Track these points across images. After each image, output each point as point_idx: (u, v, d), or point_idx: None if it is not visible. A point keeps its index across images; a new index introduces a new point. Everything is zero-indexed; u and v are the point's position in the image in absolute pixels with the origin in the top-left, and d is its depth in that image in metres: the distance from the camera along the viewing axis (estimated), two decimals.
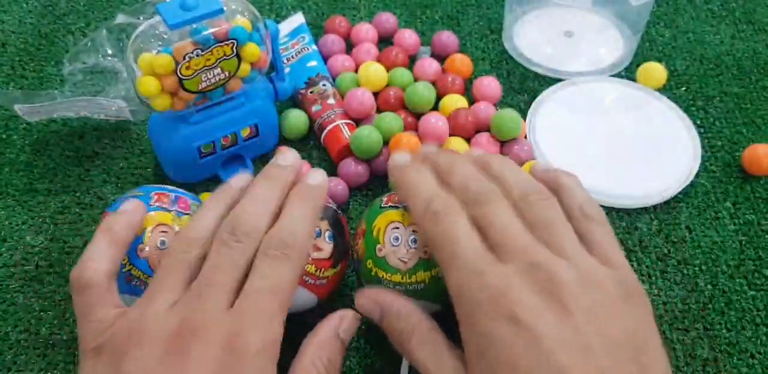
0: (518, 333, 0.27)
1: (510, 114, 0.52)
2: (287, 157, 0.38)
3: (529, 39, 0.62)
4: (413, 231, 0.39)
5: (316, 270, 0.39)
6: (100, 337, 0.31)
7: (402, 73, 0.57)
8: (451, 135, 0.53)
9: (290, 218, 0.34)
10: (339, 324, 0.35)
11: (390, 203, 0.41)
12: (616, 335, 0.28)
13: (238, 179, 0.38)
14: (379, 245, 0.39)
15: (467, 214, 0.33)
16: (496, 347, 0.27)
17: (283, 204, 0.36)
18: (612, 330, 0.28)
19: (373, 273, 0.39)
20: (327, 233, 0.39)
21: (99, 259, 0.35)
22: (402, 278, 0.38)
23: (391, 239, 0.39)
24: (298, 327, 0.35)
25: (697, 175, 0.53)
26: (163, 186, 0.44)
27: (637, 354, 0.27)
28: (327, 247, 0.39)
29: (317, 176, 0.38)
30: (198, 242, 0.34)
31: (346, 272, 0.42)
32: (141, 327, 0.30)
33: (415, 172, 0.37)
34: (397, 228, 0.39)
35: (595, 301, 0.28)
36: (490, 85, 0.56)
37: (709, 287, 0.47)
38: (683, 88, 0.60)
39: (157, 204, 0.41)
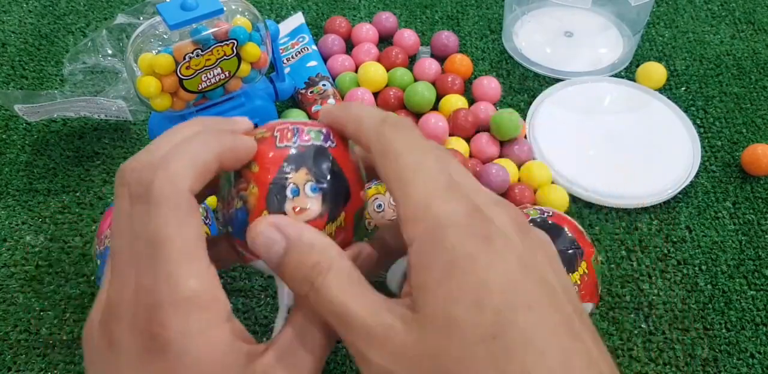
0: (493, 253, 0.24)
1: (510, 114, 0.52)
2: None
3: (529, 39, 0.62)
4: None
5: None
6: None
7: (402, 73, 0.57)
8: (451, 135, 0.53)
9: None
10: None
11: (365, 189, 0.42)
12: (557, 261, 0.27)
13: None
14: (366, 221, 0.42)
15: None
16: (467, 264, 0.24)
17: None
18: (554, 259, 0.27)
19: None
20: (307, 186, 0.28)
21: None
22: None
23: (375, 207, 0.42)
24: None
25: (696, 175, 0.53)
26: None
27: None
28: (312, 203, 0.28)
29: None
30: None
31: (360, 209, 0.30)
32: None
33: (357, 106, 0.30)
34: (377, 198, 0.42)
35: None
36: (489, 85, 0.56)
37: (709, 287, 0.47)
38: (683, 89, 0.60)
39: None
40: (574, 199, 0.51)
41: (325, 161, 0.29)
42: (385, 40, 0.62)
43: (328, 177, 0.28)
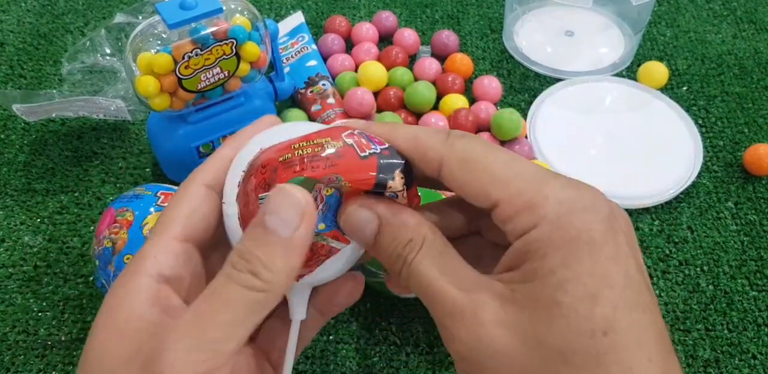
0: (616, 243, 0.23)
1: (510, 114, 0.52)
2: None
3: (530, 38, 0.62)
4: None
5: None
6: None
7: (402, 73, 0.57)
8: None
9: None
10: None
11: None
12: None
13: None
14: None
15: None
16: (588, 253, 0.23)
17: None
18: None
19: None
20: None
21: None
22: None
23: None
24: None
25: (698, 175, 0.53)
26: (169, 186, 0.44)
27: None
28: (398, 182, 0.27)
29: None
30: None
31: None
32: None
33: (402, 126, 0.28)
34: None
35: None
36: (490, 84, 0.56)
37: (711, 287, 0.47)
38: (684, 88, 0.59)
39: (164, 204, 0.41)
40: None
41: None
42: (385, 40, 0.62)
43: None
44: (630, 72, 0.61)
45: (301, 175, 0.25)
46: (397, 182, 0.26)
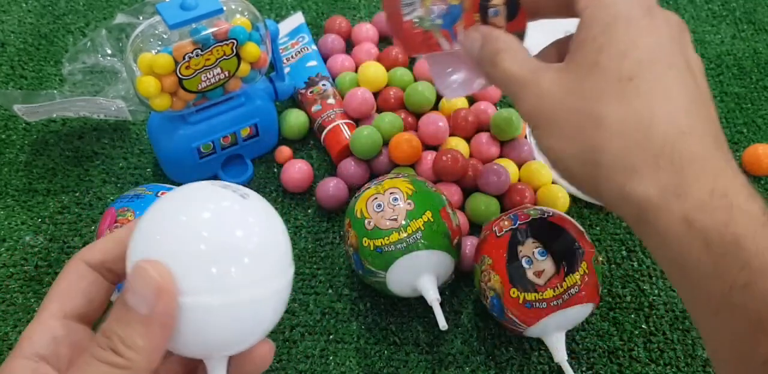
0: (653, 22, 0.31)
1: (510, 114, 0.52)
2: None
3: (530, 38, 0.62)
4: (391, 193, 0.42)
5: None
6: None
7: (402, 73, 0.57)
8: (451, 135, 0.53)
9: None
10: None
11: (363, 190, 0.44)
12: None
13: None
14: (366, 221, 0.42)
15: None
16: (624, 25, 0.30)
17: None
18: None
19: (372, 249, 0.41)
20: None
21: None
22: (399, 235, 0.41)
23: (374, 208, 0.42)
24: None
25: None
26: (169, 186, 0.44)
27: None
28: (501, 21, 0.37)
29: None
30: None
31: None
32: None
33: None
34: (376, 198, 0.43)
35: None
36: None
37: None
38: None
39: None
40: (574, 199, 0.51)
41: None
42: (385, 40, 0.62)
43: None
44: None
45: None
46: (500, 4, 0.36)
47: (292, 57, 0.59)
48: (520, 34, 0.38)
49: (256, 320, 0.25)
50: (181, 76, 0.43)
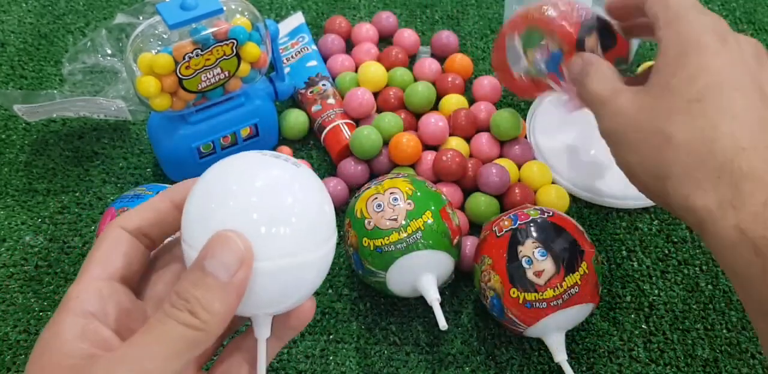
0: (724, 47, 0.33)
1: (510, 114, 0.52)
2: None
3: None
4: (391, 193, 0.42)
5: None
6: None
7: (402, 73, 0.57)
8: (451, 135, 0.53)
9: None
10: None
11: (363, 190, 0.44)
12: None
13: None
14: (366, 220, 0.42)
15: None
16: (695, 50, 0.33)
17: None
18: None
19: (372, 249, 0.41)
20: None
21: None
22: (399, 235, 0.41)
23: (374, 208, 0.42)
24: None
25: None
26: (170, 186, 0.44)
27: None
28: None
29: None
30: None
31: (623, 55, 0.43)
32: None
33: None
34: (376, 198, 0.43)
35: None
36: (490, 85, 0.56)
37: (710, 287, 0.47)
38: None
39: None
40: (574, 199, 0.51)
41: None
42: (385, 40, 0.62)
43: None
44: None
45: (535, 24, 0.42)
46: (592, 39, 0.41)
47: (292, 57, 0.59)
48: (624, 59, 0.42)
49: (308, 281, 0.27)
50: (181, 76, 0.43)
